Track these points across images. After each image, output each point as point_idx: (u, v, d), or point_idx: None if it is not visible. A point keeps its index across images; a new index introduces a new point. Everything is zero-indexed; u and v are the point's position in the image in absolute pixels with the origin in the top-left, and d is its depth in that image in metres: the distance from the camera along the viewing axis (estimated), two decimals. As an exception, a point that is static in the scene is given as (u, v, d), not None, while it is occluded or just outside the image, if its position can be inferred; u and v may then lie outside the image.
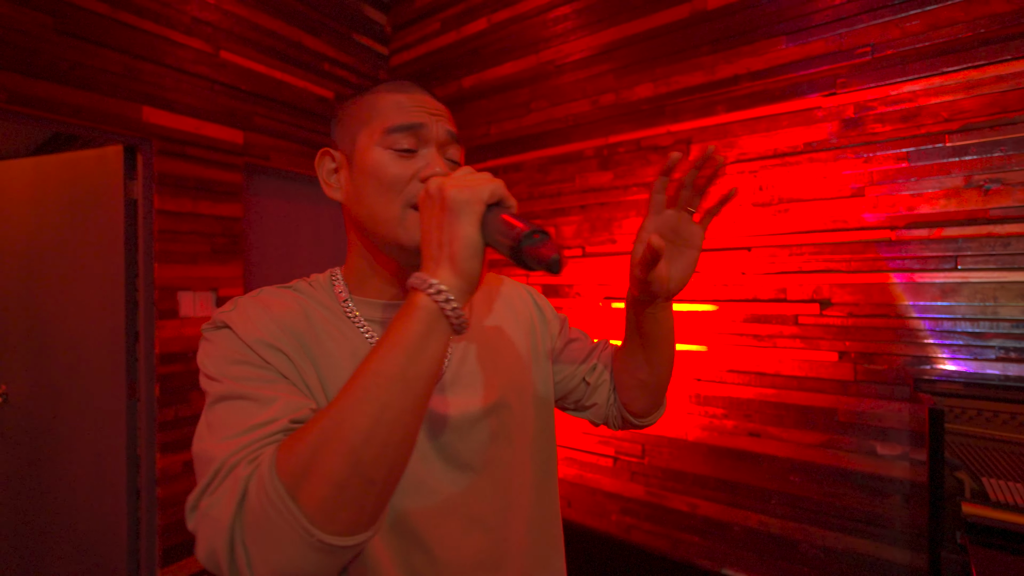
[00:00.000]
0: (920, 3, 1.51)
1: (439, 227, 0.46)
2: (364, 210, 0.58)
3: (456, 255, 0.45)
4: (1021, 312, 1.38)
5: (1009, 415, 1.17)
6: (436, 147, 0.58)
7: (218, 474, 0.43)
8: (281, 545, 0.39)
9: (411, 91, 0.60)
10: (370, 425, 0.41)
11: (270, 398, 0.48)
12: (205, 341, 0.54)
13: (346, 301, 0.62)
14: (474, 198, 0.45)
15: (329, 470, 0.40)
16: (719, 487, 1.85)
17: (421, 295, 0.44)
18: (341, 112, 0.63)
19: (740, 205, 1.81)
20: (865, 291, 1.59)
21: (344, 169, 0.61)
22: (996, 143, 1.41)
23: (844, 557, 1.63)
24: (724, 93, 1.84)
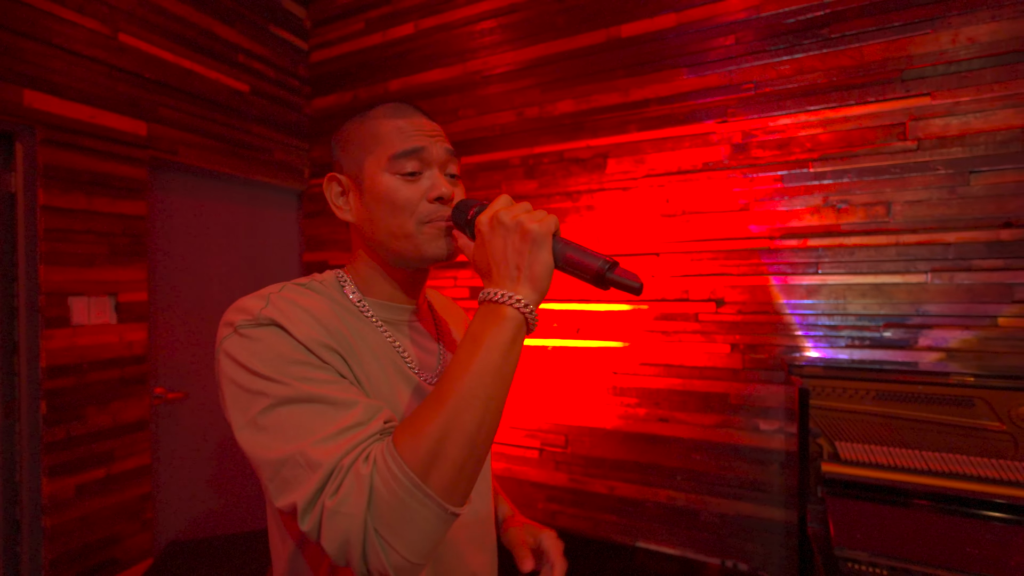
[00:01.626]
0: (789, 51, 1.80)
1: (518, 253, 0.56)
2: (380, 230, 0.65)
3: (537, 276, 0.55)
4: (863, 308, 1.71)
5: (854, 391, 1.45)
6: (438, 167, 0.66)
7: (334, 474, 0.48)
8: (416, 523, 0.47)
9: (408, 115, 0.66)
10: (481, 415, 0.51)
11: (350, 401, 0.53)
12: (244, 338, 0.54)
13: (361, 302, 0.67)
14: (547, 231, 0.56)
15: (453, 456, 0.49)
16: (633, 469, 2.05)
17: (507, 308, 0.55)
18: (343, 137, 0.68)
19: (650, 215, 2.02)
20: (751, 292, 1.87)
21: (352, 193, 0.66)
22: (845, 171, 1.73)
23: (735, 520, 1.89)
24: (636, 114, 2.05)
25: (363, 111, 0.68)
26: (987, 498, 1.21)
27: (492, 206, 0.59)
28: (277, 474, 0.50)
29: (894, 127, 1.67)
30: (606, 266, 0.55)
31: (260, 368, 0.52)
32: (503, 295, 0.55)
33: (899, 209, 1.67)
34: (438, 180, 0.64)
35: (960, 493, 1.24)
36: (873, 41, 1.70)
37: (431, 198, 0.63)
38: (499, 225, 0.56)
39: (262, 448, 0.51)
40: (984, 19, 1.57)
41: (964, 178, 1.60)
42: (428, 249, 0.64)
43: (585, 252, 0.56)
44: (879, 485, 1.32)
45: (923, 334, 1.64)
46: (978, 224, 1.58)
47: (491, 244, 0.57)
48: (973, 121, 1.58)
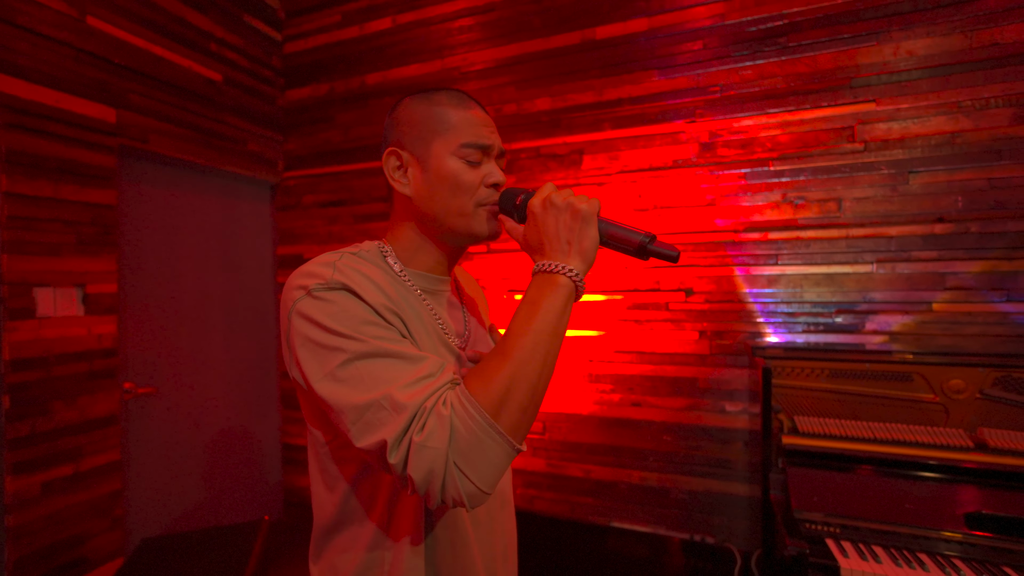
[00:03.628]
0: (752, 57, 1.93)
1: (569, 229, 0.64)
2: (438, 205, 0.71)
3: (585, 250, 0.64)
4: (817, 296, 1.86)
5: (811, 370, 1.58)
6: (495, 159, 0.74)
7: (419, 414, 0.54)
8: (489, 457, 0.55)
9: (473, 107, 0.73)
10: (541, 367, 0.59)
11: (419, 356, 0.59)
12: (319, 299, 0.60)
13: (402, 272, 0.73)
14: (594, 210, 0.64)
15: (519, 400, 0.57)
16: (608, 452, 2.15)
17: (561, 276, 0.62)
18: (405, 115, 0.73)
19: (624, 209, 2.12)
20: (717, 281, 1.99)
21: (414, 168, 0.72)
22: (802, 170, 1.88)
23: (703, 496, 2.01)
24: (610, 112, 2.14)
25: (425, 93, 0.73)
26: (922, 461, 1.36)
27: (541, 191, 0.66)
28: (361, 417, 0.55)
29: (844, 130, 1.83)
30: (647, 239, 0.62)
31: (337, 327, 0.58)
32: (557, 265, 0.62)
33: (849, 205, 1.82)
34: (495, 169, 0.72)
35: (900, 458, 1.38)
36: (825, 51, 1.84)
37: (488, 183, 0.71)
38: (551, 206, 0.64)
39: (345, 396, 0.56)
40: (920, 34, 1.74)
41: (904, 177, 1.76)
42: (479, 228, 0.72)
43: (627, 228, 0.64)
44: (832, 454, 1.45)
45: (869, 319, 1.80)
46: (916, 219, 1.75)
47: (544, 223, 0.64)
48: (911, 126, 1.75)
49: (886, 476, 1.38)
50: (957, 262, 1.70)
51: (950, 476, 1.32)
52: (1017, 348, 1.63)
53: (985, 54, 1.67)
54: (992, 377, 1.41)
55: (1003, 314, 1.66)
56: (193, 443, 2.31)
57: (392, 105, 0.76)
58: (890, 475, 1.38)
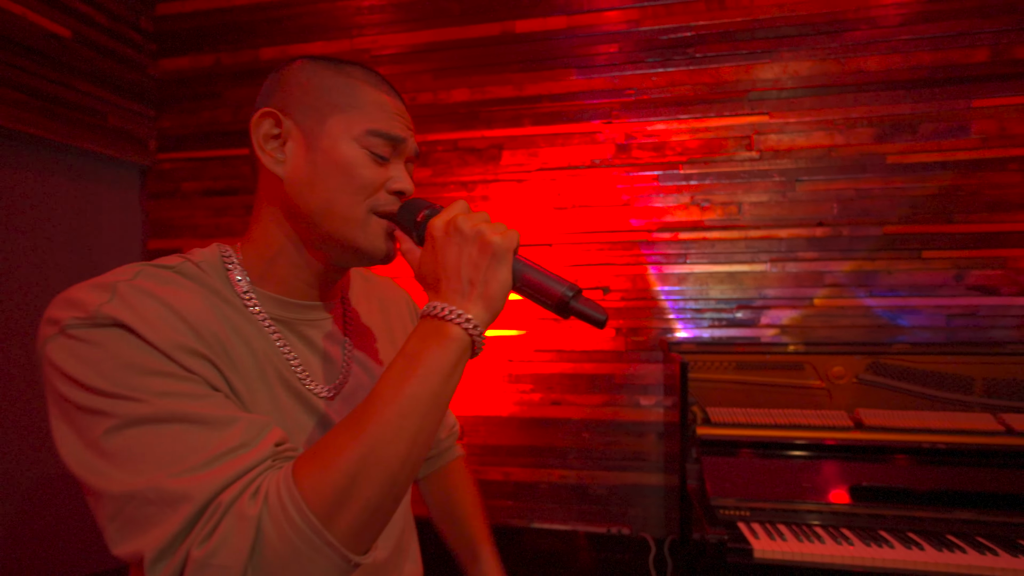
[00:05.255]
0: (663, 64, 2.02)
1: (474, 266, 0.49)
2: (318, 200, 0.55)
3: (492, 295, 0.50)
4: (721, 293, 1.98)
5: (719, 363, 1.68)
6: (404, 162, 0.60)
7: (207, 514, 0.38)
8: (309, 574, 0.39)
9: (392, 94, 0.59)
10: (408, 449, 0.43)
11: (226, 418, 0.43)
12: (75, 342, 0.42)
13: (247, 293, 0.55)
14: (509, 246, 0.50)
15: (367, 497, 0.41)
16: (528, 453, 2.12)
17: (453, 326, 0.48)
18: (300, 76, 0.57)
19: (544, 207, 2.10)
20: (633, 280, 2.05)
21: (296, 143, 0.56)
22: (708, 174, 1.99)
23: (621, 490, 2.06)
24: (530, 108, 2.12)
25: (330, 58, 0.59)
26: (814, 442, 1.49)
27: (448, 210, 0.53)
28: (120, 512, 0.39)
29: (743, 139, 1.97)
30: (570, 293, 0.50)
31: (100, 383, 0.41)
32: (451, 312, 0.48)
33: (747, 208, 1.97)
34: (404, 173, 0.58)
35: (796, 440, 1.50)
36: (727, 64, 1.98)
37: (392, 189, 0.57)
38: (456, 232, 0.50)
39: (103, 478, 0.40)
40: (804, 57, 1.93)
41: (792, 185, 1.94)
42: (367, 243, 0.56)
43: (547, 275, 0.51)
44: (741, 441, 1.54)
45: (764, 314, 1.96)
46: (801, 223, 1.93)
47: (444, 253, 0.50)
48: (797, 139, 1.94)
49: (786, 458, 1.49)
50: (833, 262, 1.91)
51: (836, 454, 1.46)
52: (878, 337, 1.87)
53: (853, 79, 1.90)
54: (865, 363, 1.59)
55: (867, 308, 1.89)
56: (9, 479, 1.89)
57: (281, 63, 0.60)
58: (789, 457, 1.49)
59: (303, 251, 0.58)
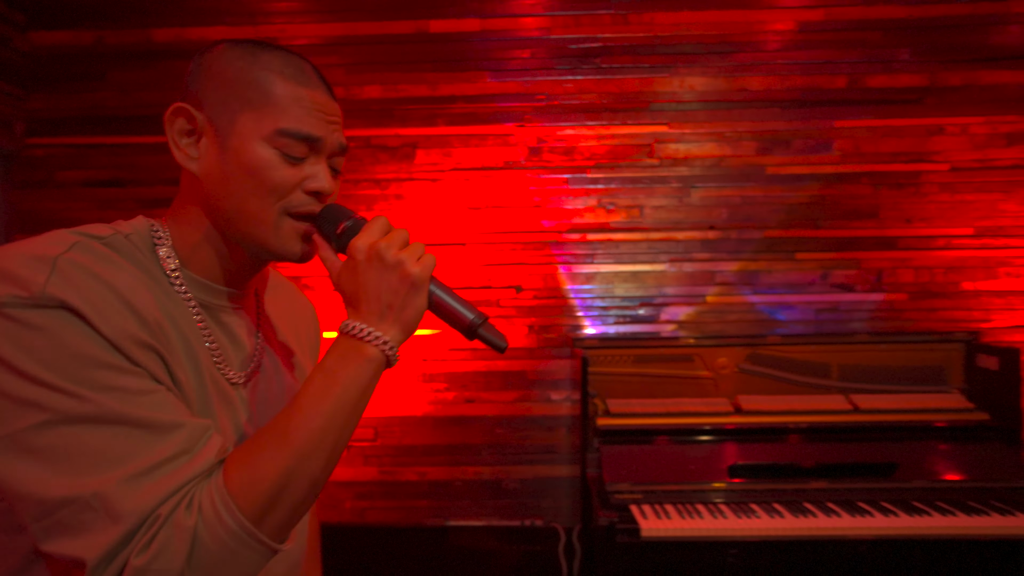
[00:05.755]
0: (572, 72, 2.11)
1: (393, 292, 0.52)
2: (230, 201, 0.54)
3: (408, 319, 0.53)
4: (625, 291, 2.10)
5: (620, 357, 1.78)
6: (326, 158, 0.57)
7: (145, 527, 0.40)
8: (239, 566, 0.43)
9: (311, 85, 0.56)
10: (329, 457, 0.48)
11: (170, 423, 0.44)
12: (13, 323, 0.39)
13: (176, 273, 0.54)
14: (427, 275, 0.53)
15: (295, 499, 0.46)
16: (443, 452, 2.12)
17: (371, 347, 0.51)
18: (216, 67, 0.54)
19: (458, 207, 2.12)
20: (544, 279, 2.12)
21: (209, 141, 0.54)
22: (613, 178, 2.11)
23: (533, 483, 2.12)
24: (445, 108, 2.13)
25: (252, 46, 0.55)
26: (699, 427, 1.62)
27: (370, 231, 0.53)
28: (52, 514, 0.39)
29: (645, 146, 2.10)
30: (478, 321, 0.55)
31: (37, 372, 0.39)
32: (369, 332, 0.51)
33: (649, 212, 2.11)
34: (323, 172, 0.56)
35: (685, 427, 1.63)
36: (631, 76, 2.10)
37: (308, 189, 0.56)
38: (378, 259, 0.51)
39: (31, 477, 0.39)
40: (698, 73, 2.09)
41: (688, 191, 2.10)
42: (279, 246, 0.56)
43: (459, 302, 0.56)
44: (637, 430, 1.65)
45: (663, 311, 2.10)
46: (696, 226, 2.10)
47: (364, 276, 0.52)
48: (693, 148, 2.10)
49: (676, 443, 1.61)
50: (722, 262, 2.09)
51: (718, 437, 1.61)
52: (761, 330, 2.07)
53: (739, 96, 2.09)
54: (745, 354, 1.76)
55: (751, 304, 2.08)
56: None
57: (206, 46, 0.57)
58: (679, 442, 1.62)
59: (223, 243, 0.57)
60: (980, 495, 1.45)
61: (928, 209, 2.07)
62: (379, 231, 0.54)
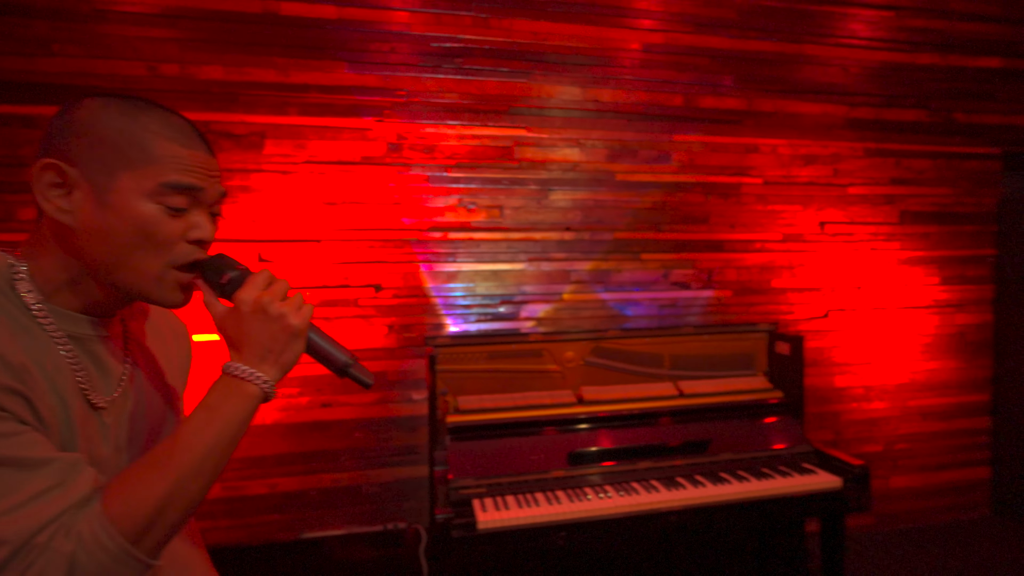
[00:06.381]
0: (433, 71, 2.10)
1: (274, 339, 0.58)
2: (111, 255, 0.56)
3: (287, 362, 0.60)
4: (486, 289, 2.14)
5: (472, 354, 1.81)
6: (207, 207, 0.60)
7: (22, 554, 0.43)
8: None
9: (192, 145, 0.58)
10: (206, 484, 0.53)
11: (40, 460, 0.47)
12: None
13: (40, 306, 0.55)
14: (306, 324, 0.60)
15: (172, 521, 0.51)
16: (296, 460, 2.00)
17: (252, 385, 0.57)
18: (87, 125, 0.55)
19: (312, 202, 2.01)
20: (404, 277, 2.09)
21: (84, 195, 0.54)
22: (474, 178, 2.14)
23: (394, 485, 2.08)
24: (297, 97, 2.00)
25: (126, 102, 0.57)
26: (544, 419, 1.70)
27: (254, 283, 0.59)
28: None
29: (505, 149, 2.16)
30: (349, 363, 0.63)
31: None
32: (251, 373, 0.57)
33: (509, 213, 2.17)
34: (204, 222, 0.60)
35: (531, 419, 1.70)
36: (491, 79, 2.15)
37: (191, 239, 0.59)
38: (262, 312, 0.57)
39: None
40: (554, 81, 2.20)
41: (545, 193, 2.20)
42: (159, 295, 0.60)
43: (333, 345, 0.63)
44: (487, 424, 1.68)
45: (524, 308, 2.18)
46: (553, 227, 2.20)
47: (248, 325, 0.58)
48: (550, 153, 2.20)
49: (523, 436, 1.67)
50: (577, 262, 2.22)
51: (562, 427, 1.69)
52: (611, 325, 2.23)
53: (591, 106, 2.23)
54: (590, 348, 1.88)
55: (603, 301, 2.24)
56: None
57: (68, 102, 0.57)
58: (526, 434, 1.68)
59: (94, 285, 0.59)
60: (770, 462, 1.69)
61: (747, 217, 2.38)
62: (263, 284, 0.59)
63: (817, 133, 2.46)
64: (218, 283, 0.61)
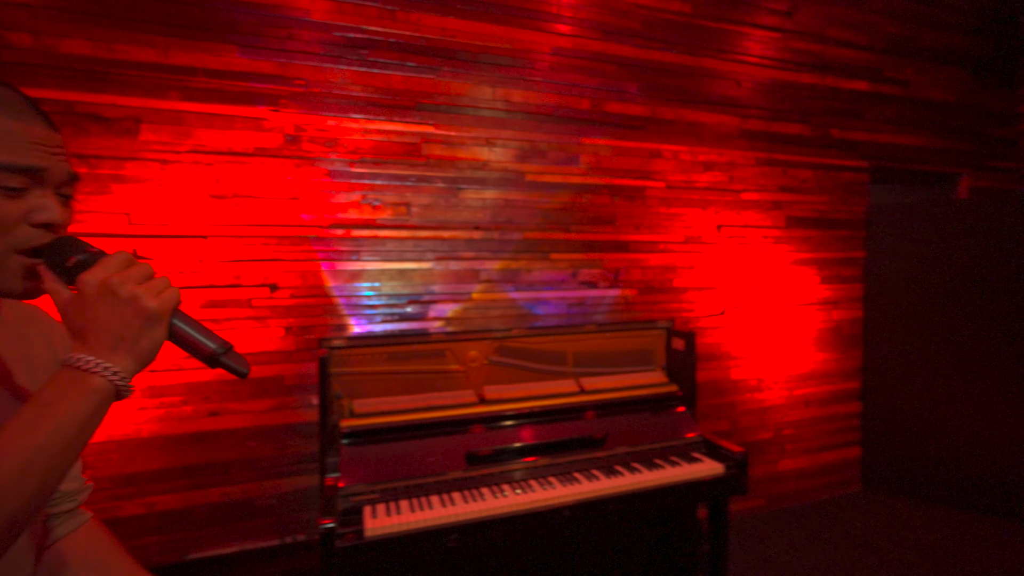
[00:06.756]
0: (335, 61, 2.01)
1: (127, 326, 0.51)
2: None
3: (143, 351, 0.53)
4: (392, 289, 2.08)
5: (371, 355, 1.74)
6: (52, 187, 0.56)
7: None
8: None
9: (27, 119, 0.54)
10: (34, 492, 0.46)
11: None
12: None
13: None
14: (167, 308, 0.54)
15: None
16: (179, 476, 1.84)
17: (97, 377, 0.50)
18: None
19: (197, 195, 1.86)
20: (303, 276, 1.98)
21: None
22: (379, 174, 2.07)
23: (294, 496, 1.97)
24: (180, 80, 1.84)
25: None
26: (444, 420, 1.68)
27: (105, 265, 0.53)
28: None
29: (412, 145, 2.11)
30: (221, 350, 0.57)
31: None
32: (97, 364, 0.51)
33: (416, 210, 2.12)
34: (49, 203, 0.56)
35: (430, 421, 1.67)
36: (398, 73, 2.09)
37: (36, 222, 0.55)
38: (110, 295, 0.51)
39: None
40: (462, 78, 2.18)
41: (454, 192, 2.17)
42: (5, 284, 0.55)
43: (202, 332, 0.57)
44: (383, 428, 1.62)
45: (432, 308, 2.14)
46: (462, 226, 2.18)
47: (95, 310, 0.51)
48: (459, 151, 2.18)
49: (421, 438, 1.64)
50: (487, 261, 2.21)
51: (462, 427, 1.67)
52: (520, 324, 2.25)
53: (501, 106, 2.24)
54: (494, 347, 1.88)
55: (513, 300, 2.25)
56: None
57: None
58: (424, 436, 1.64)
59: None
60: (663, 453, 1.78)
61: (651, 219, 2.49)
62: (117, 266, 0.53)
63: (714, 142, 2.62)
64: (63, 266, 0.55)
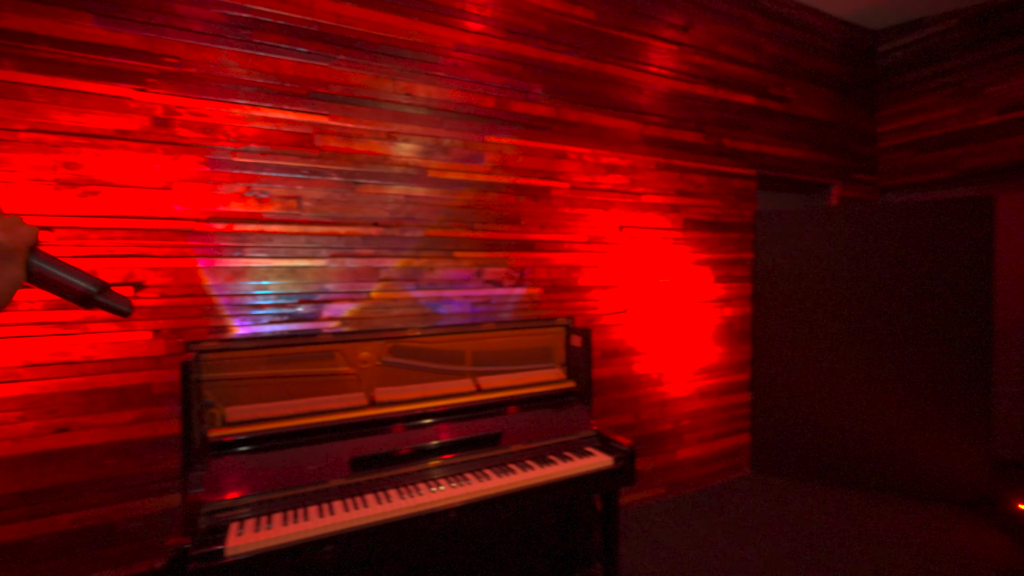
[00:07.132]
0: (214, 40, 1.85)
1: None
2: None
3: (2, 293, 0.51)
4: (281, 288, 1.95)
5: (249, 359, 1.62)
6: None
7: None
8: None
9: None
10: None
11: None
12: None
13: None
14: (22, 244, 0.52)
15: None
16: (15, 503, 1.60)
17: None
18: None
19: (38, 181, 1.63)
20: (175, 274, 1.80)
21: None
22: (265, 165, 1.93)
23: (164, 516, 1.78)
24: (15, 47, 1.61)
25: None
26: (330, 425, 1.59)
27: None
28: None
29: (304, 136, 1.99)
30: (95, 289, 0.55)
31: None
32: None
33: (308, 204, 2.00)
34: None
35: (314, 426, 1.58)
36: (287, 58, 1.96)
37: None
38: None
39: None
40: (360, 69, 2.09)
41: (351, 186, 2.08)
42: None
43: (71, 272, 0.55)
44: (259, 436, 1.51)
45: (326, 307, 2.03)
46: (359, 222, 2.09)
47: None
48: (355, 144, 2.08)
49: (303, 445, 1.54)
50: (386, 259, 2.14)
51: (347, 432, 1.60)
52: (422, 323, 2.19)
53: (403, 100, 2.17)
54: (387, 347, 1.81)
55: (415, 299, 2.19)
56: None
57: None
58: (306, 443, 1.54)
59: None
60: (557, 448, 1.81)
61: (556, 218, 2.53)
62: None
63: (617, 145, 2.72)
64: None
